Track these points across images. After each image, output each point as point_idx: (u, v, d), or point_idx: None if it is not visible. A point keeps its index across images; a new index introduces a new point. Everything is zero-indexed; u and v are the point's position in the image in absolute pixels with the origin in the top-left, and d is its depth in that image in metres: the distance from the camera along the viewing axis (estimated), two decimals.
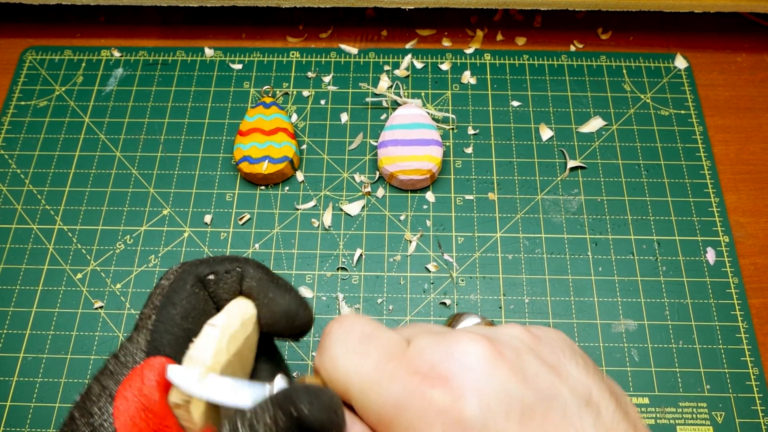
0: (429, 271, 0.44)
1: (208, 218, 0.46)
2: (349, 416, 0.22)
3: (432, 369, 0.20)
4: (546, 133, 0.49)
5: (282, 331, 0.26)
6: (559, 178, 0.47)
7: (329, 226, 0.45)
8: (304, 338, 0.42)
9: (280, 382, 0.23)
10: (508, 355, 0.20)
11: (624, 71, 0.52)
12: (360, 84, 0.51)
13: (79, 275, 0.44)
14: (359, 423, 0.22)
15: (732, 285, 0.43)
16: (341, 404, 0.22)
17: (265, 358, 0.27)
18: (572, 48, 0.53)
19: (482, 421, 0.19)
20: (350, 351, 0.22)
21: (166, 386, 0.22)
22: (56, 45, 0.53)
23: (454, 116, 0.49)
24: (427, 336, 0.22)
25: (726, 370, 0.41)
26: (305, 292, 0.43)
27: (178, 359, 0.23)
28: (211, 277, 0.25)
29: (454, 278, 0.44)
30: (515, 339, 0.22)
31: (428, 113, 0.48)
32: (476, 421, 0.19)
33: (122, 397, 0.22)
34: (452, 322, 0.32)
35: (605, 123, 0.49)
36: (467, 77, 0.51)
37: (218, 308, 0.26)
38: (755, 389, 0.40)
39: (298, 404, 0.20)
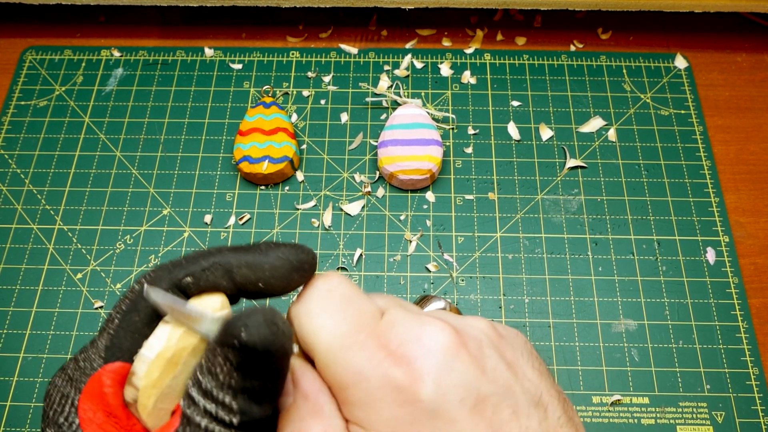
0: (429, 271, 0.44)
1: (208, 218, 0.46)
2: (301, 364, 0.23)
3: (398, 347, 0.21)
4: (546, 132, 0.49)
5: (295, 282, 0.25)
6: (558, 177, 0.47)
7: (329, 226, 0.45)
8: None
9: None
10: (471, 346, 0.21)
11: (624, 71, 0.52)
12: (360, 84, 0.51)
13: (79, 275, 0.44)
14: (311, 371, 0.23)
15: (732, 285, 0.43)
16: (282, 317, 0.21)
17: None
18: (572, 48, 0.53)
19: (435, 405, 0.20)
20: (327, 310, 0.22)
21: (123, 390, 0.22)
22: (56, 45, 0.53)
23: (454, 116, 0.49)
24: (400, 311, 0.22)
25: (726, 370, 0.41)
26: None
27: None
28: (189, 279, 0.24)
29: (454, 278, 0.44)
30: (480, 332, 0.22)
31: (428, 113, 0.48)
32: (429, 404, 0.20)
33: (86, 409, 0.22)
34: (419, 303, 0.33)
35: (605, 123, 0.49)
36: (467, 77, 0.51)
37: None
38: (755, 389, 0.40)
39: (235, 332, 0.20)
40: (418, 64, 0.52)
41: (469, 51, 0.53)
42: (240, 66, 0.52)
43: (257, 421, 0.21)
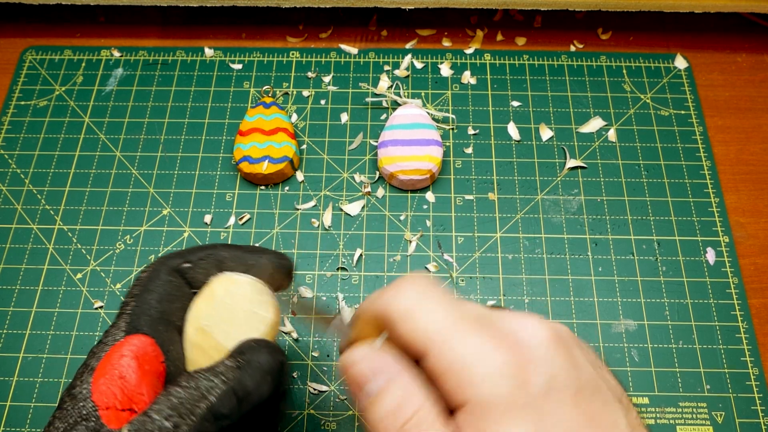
0: (429, 271, 0.44)
1: (208, 218, 0.46)
2: (396, 367, 0.23)
3: (508, 335, 0.22)
4: (546, 133, 0.49)
5: (274, 284, 0.29)
6: (558, 177, 0.47)
7: (329, 226, 0.45)
8: (303, 338, 0.42)
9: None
10: (566, 341, 0.23)
11: (624, 71, 0.52)
12: (360, 84, 0.51)
13: (79, 275, 0.44)
14: (406, 375, 0.23)
15: (732, 285, 0.43)
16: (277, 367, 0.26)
17: None
18: (572, 48, 0.53)
19: (545, 389, 0.21)
20: (433, 302, 0.23)
21: (142, 358, 0.24)
22: (56, 45, 0.53)
23: (454, 116, 0.49)
24: (495, 311, 0.23)
25: (726, 370, 0.41)
26: (305, 292, 0.43)
27: (154, 336, 0.25)
28: (186, 265, 0.28)
29: (454, 278, 0.44)
30: (565, 332, 0.23)
31: (428, 113, 0.48)
32: (540, 388, 0.21)
33: (101, 368, 0.24)
34: None
35: (605, 123, 0.49)
36: (467, 77, 0.51)
37: (196, 290, 0.28)
38: (755, 389, 0.40)
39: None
40: (418, 65, 0.52)
41: (469, 51, 0.53)
42: (240, 66, 0.52)
43: None
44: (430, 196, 0.46)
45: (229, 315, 0.27)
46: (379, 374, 0.23)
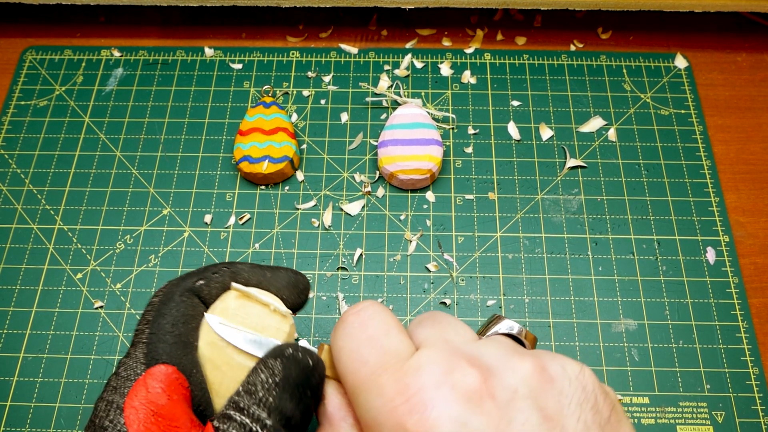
0: (429, 271, 0.44)
1: (208, 218, 0.46)
2: (333, 388, 0.24)
3: (416, 393, 0.20)
4: (546, 132, 0.49)
5: (290, 300, 0.28)
6: (558, 177, 0.47)
7: (329, 226, 0.45)
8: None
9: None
10: (500, 396, 0.20)
11: (624, 71, 0.52)
12: (360, 84, 0.51)
13: (79, 275, 0.44)
14: (339, 396, 0.24)
15: (732, 285, 0.43)
16: (316, 355, 0.25)
17: None
18: (572, 48, 0.53)
19: None
20: (354, 350, 0.23)
21: (169, 388, 0.24)
22: (56, 45, 0.53)
23: (454, 116, 0.49)
24: (433, 351, 0.22)
25: (726, 370, 0.41)
26: None
27: (175, 363, 0.24)
28: (201, 282, 0.27)
29: (454, 278, 0.44)
30: (519, 379, 0.21)
31: (428, 113, 0.48)
32: None
33: (131, 407, 0.23)
34: (489, 323, 0.31)
35: (605, 123, 0.49)
36: (467, 77, 0.51)
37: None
38: (755, 389, 0.40)
39: (284, 348, 0.24)
40: (418, 64, 0.52)
41: (469, 51, 0.53)
42: (240, 66, 0.52)
43: None
44: (430, 195, 0.46)
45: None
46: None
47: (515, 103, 0.50)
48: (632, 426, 0.22)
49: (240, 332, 0.25)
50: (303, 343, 0.26)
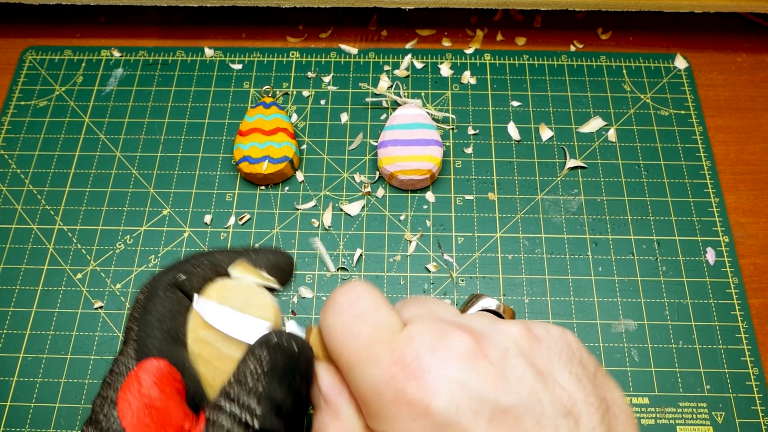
0: (429, 271, 0.44)
1: (208, 218, 0.46)
2: (325, 367, 0.24)
3: (412, 361, 0.21)
4: (546, 133, 0.49)
5: (276, 280, 0.29)
6: (558, 177, 0.47)
7: (329, 226, 0.45)
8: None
9: (292, 326, 0.26)
10: (493, 355, 0.21)
11: (624, 71, 0.52)
12: (360, 84, 0.51)
13: (79, 275, 0.44)
14: (332, 375, 0.24)
15: (732, 285, 0.43)
16: (302, 339, 0.25)
17: None
18: (572, 48, 0.53)
19: (448, 418, 0.20)
20: (345, 326, 0.23)
21: (161, 381, 0.24)
22: (56, 45, 0.53)
23: (454, 116, 0.49)
24: (423, 323, 0.22)
25: (726, 370, 0.41)
26: (305, 292, 0.43)
27: (166, 356, 0.25)
28: (182, 276, 0.27)
29: (454, 278, 0.44)
30: (508, 339, 0.22)
31: (428, 113, 0.48)
32: (442, 417, 0.20)
33: (124, 400, 0.23)
34: (468, 303, 0.32)
35: (605, 123, 0.49)
36: (467, 77, 0.51)
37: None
38: (755, 389, 0.40)
39: (271, 337, 0.24)
40: (418, 65, 0.52)
41: (469, 51, 0.53)
42: (240, 66, 0.52)
43: None
44: (430, 196, 0.46)
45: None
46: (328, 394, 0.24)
47: (515, 103, 0.50)
48: (617, 385, 0.23)
49: (227, 317, 0.26)
50: (291, 324, 0.26)
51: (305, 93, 0.51)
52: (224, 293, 0.27)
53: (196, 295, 0.26)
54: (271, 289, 0.29)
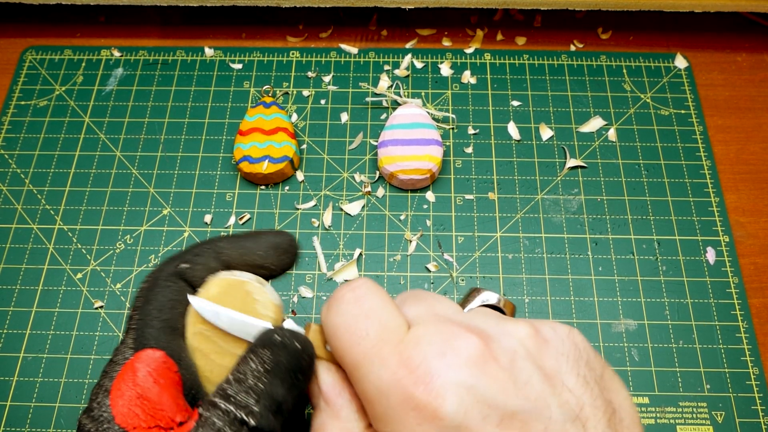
0: (429, 271, 0.44)
1: (208, 218, 0.46)
2: (327, 367, 0.24)
3: (420, 365, 0.21)
4: (546, 132, 0.49)
5: (277, 263, 0.28)
6: (558, 177, 0.47)
7: (329, 226, 0.45)
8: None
9: (289, 324, 0.26)
10: (502, 359, 0.21)
11: (624, 71, 0.52)
12: (360, 84, 0.51)
13: (79, 275, 0.44)
14: (333, 374, 0.24)
15: (732, 285, 0.43)
16: (305, 337, 0.24)
17: None
18: (572, 48, 0.53)
19: (456, 422, 0.19)
20: (351, 324, 0.23)
21: (156, 372, 0.24)
22: (56, 45, 0.53)
23: (454, 116, 0.49)
24: (429, 324, 0.22)
25: (726, 370, 0.41)
26: (305, 291, 0.43)
27: (162, 347, 0.25)
28: (184, 265, 0.27)
29: (454, 278, 0.44)
30: (517, 341, 0.22)
31: (428, 113, 0.48)
32: (450, 422, 0.19)
33: (117, 389, 0.23)
34: (468, 296, 0.32)
35: (605, 123, 0.49)
36: (467, 77, 0.51)
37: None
38: (755, 389, 0.40)
39: (272, 335, 0.24)
40: (418, 64, 0.52)
41: (469, 51, 0.53)
42: (240, 66, 0.52)
43: None
44: (430, 195, 0.46)
45: None
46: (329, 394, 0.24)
47: (515, 103, 0.50)
48: (624, 385, 0.23)
49: (225, 315, 0.26)
50: (289, 322, 0.26)
51: (305, 93, 0.51)
52: (225, 289, 0.27)
53: (192, 297, 0.26)
54: (268, 277, 0.29)
